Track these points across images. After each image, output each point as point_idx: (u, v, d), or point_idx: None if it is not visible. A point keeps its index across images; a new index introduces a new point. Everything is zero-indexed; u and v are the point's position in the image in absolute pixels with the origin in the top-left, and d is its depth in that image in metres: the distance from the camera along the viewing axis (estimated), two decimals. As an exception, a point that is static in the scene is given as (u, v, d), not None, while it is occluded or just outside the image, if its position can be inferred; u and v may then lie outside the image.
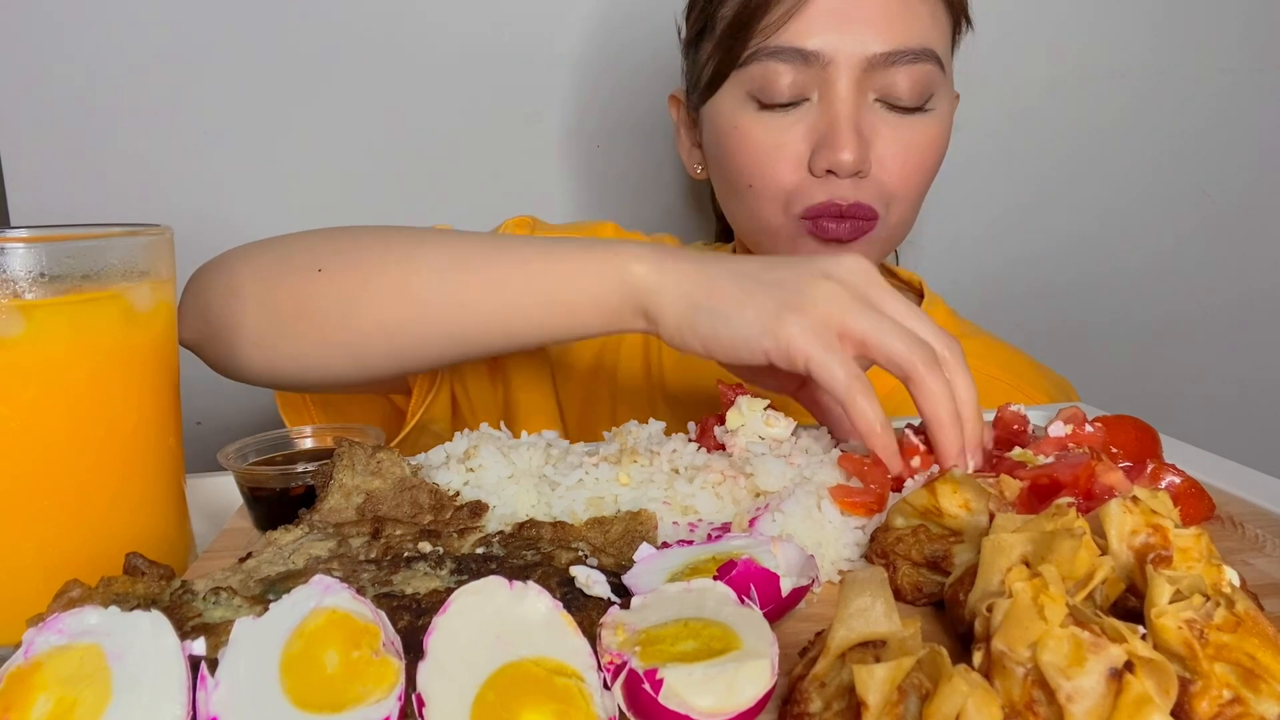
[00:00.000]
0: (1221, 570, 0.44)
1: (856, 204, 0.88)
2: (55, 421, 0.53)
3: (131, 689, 0.39)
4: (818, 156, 0.88)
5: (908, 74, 0.87)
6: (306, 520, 0.60)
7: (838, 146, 0.86)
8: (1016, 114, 1.39)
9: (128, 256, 0.56)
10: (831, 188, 0.89)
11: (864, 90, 0.88)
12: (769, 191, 0.92)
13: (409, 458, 0.66)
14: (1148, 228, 1.47)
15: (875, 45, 0.86)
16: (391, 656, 0.40)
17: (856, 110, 0.87)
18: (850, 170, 0.87)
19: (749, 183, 0.93)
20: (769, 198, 0.92)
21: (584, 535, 0.57)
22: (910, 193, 0.92)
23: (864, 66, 0.87)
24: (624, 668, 0.41)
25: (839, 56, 0.87)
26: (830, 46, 0.86)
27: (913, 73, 0.87)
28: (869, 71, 0.87)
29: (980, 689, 0.36)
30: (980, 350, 1.04)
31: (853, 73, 0.87)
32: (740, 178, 0.94)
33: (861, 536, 0.58)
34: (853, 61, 0.86)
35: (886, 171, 0.89)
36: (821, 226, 0.90)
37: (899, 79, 0.87)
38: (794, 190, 0.90)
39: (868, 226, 0.90)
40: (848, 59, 0.86)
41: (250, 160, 1.26)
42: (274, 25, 1.22)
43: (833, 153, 0.87)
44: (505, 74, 1.28)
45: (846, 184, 0.88)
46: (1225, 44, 1.40)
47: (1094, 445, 0.65)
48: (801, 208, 0.90)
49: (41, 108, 1.20)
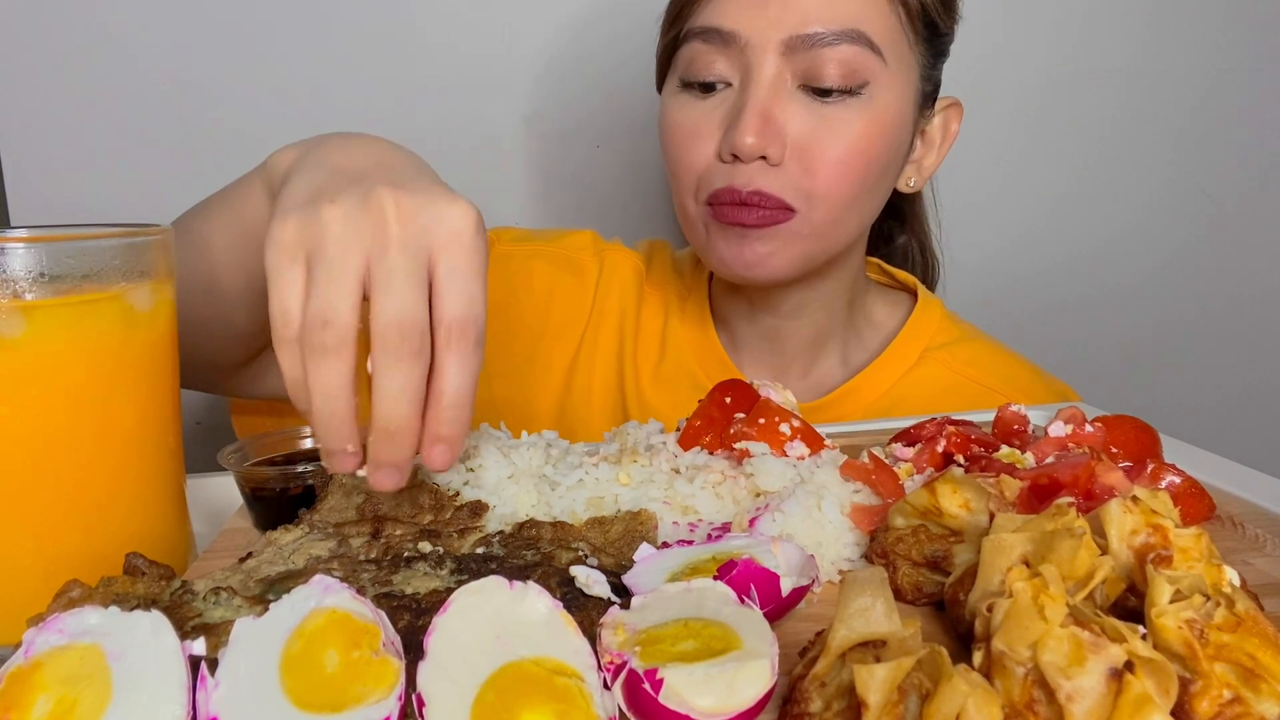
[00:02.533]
0: (1221, 570, 0.44)
1: (756, 191, 0.84)
2: (55, 422, 0.53)
3: (131, 689, 0.39)
4: (724, 140, 0.85)
5: (833, 57, 0.82)
6: (306, 520, 0.60)
7: (740, 129, 0.83)
8: (1013, 117, 1.39)
9: (128, 256, 0.56)
10: (734, 174, 0.85)
11: (784, 75, 0.84)
12: (684, 178, 0.90)
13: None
14: (1148, 229, 1.47)
15: (794, 26, 0.82)
16: (391, 656, 0.40)
17: (770, 95, 0.84)
18: (752, 155, 0.83)
19: (671, 169, 0.91)
20: (684, 184, 0.90)
21: (584, 535, 0.57)
22: (835, 189, 0.86)
23: (782, 49, 0.83)
24: (624, 668, 0.41)
25: (755, 37, 0.83)
26: (746, 26, 0.83)
27: (838, 55, 0.82)
28: (789, 55, 0.83)
29: (980, 689, 0.36)
30: (978, 357, 1.03)
31: (771, 55, 0.83)
32: (667, 164, 0.92)
33: (861, 536, 0.58)
34: (770, 43, 0.83)
35: (803, 163, 0.85)
36: (721, 212, 0.86)
37: (824, 63, 0.83)
38: (703, 175, 0.88)
39: (779, 217, 0.85)
40: (765, 40, 0.83)
41: (251, 160, 1.25)
42: (274, 26, 1.22)
43: (734, 134, 0.83)
44: (505, 74, 1.28)
45: (753, 169, 0.84)
46: (1226, 44, 1.40)
47: (1094, 445, 0.65)
48: (706, 193, 0.88)
49: (41, 108, 1.20)
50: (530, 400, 1.04)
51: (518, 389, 1.04)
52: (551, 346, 1.05)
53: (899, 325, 1.04)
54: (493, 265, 1.01)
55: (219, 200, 0.77)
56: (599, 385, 1.04)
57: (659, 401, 1.02)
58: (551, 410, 1.04)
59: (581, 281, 1.06)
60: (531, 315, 1.04)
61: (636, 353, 1.04)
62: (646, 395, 1.03)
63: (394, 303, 0.49)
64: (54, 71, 1.19)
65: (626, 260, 1.08)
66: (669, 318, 1.05)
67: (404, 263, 0.50)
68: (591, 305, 1.05)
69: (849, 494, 0.61)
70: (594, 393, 1.04)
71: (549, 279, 1.05)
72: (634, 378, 1.04)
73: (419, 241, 0.50)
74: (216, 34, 1.21)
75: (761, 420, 0.67)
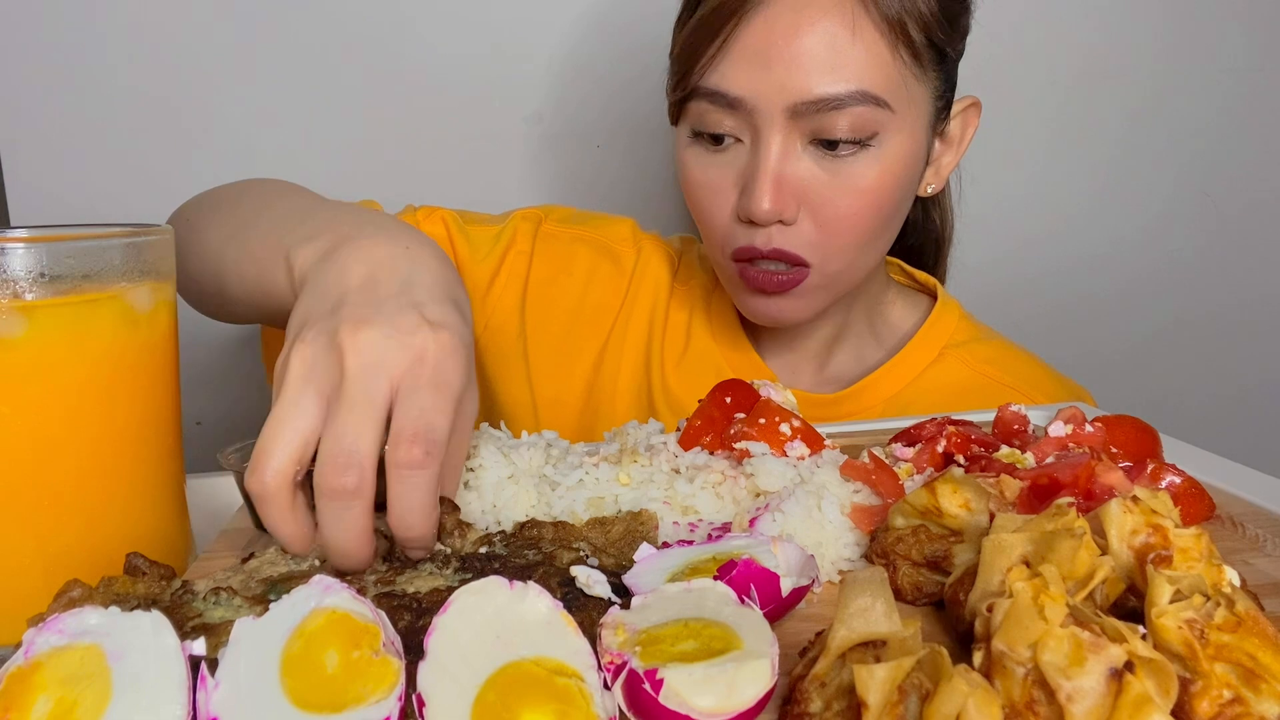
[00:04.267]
0: (1222, 570, 0.44)
1: (778, 250, 0.87)
2: (55, 422, 0.53)
3: (131, 689, 0.39)
4: (740, 204, 0.88)
5: (842, 119, 0.83)
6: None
7: (755, 196, 0.85)
8: (1017, 120, 1.39)
9: (128, 257, 0.56)
10: (754, 235, 0.88)
11: (793, 135, 0.85)
12: (709, 229, 0.93)
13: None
14: (1151, 231, 1.47)
15: (800, 93, 0.82)
16: (392, 656, 0.40)
17: (781, 159, 0.85)
18: (767, 220, 0.86)
19: (696, 219, 0.95)
20: (709, 237, 0.94)
21: (585, 535, 0.57)
22: (847, 241, 0.88)
23: (789, 114, 0.83)
24: (624, 668, 0.41)
25: (761, 103, 0.84)
26: (751, 93, 0.84)
27: (847, 118, 0.83)
28: (796, 119, 0.84)
29: (980, 689, 0.36)
30: (996, 356, 1.04)
31: (778, 119, 0.84)
32: (693, 213, 0.95)
33: (861, 536, 0.58)
34: (777, 108, 0.83)
35: (817, 219, 0.87)
36: (747, 274, 0.90)
37: (832, 123, 0.83)
38: (725, 233, 0.91)
39: (799, 275, 0.89)
40: (771, 106, 0.83)
41: (251, 161, 1.26)
42: (275, 26, 1.22)
43: (750, 201, 0.85)
44: (506, 74, 1.28)
45: (770, 232, 0.87)
46: (1234, 46, 1.40)
47: (1094, 445, 0.65)
48: (731, 249, 0.91)
49: (41, 108, 1.20)
50: (560, 379, 1.07)
51: (550, 368, 1.06)
52: (585, 330, 1.07)
53: (917, 324, 1.06)
54: (538, 244, 1.03)
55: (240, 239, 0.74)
56: (626, 372, 1.07)
57: (682, 391, 1.04)
58: (580, 392, 1.07)
59: (619, 269, 1.08)
60: (569, 298, 1.07)
61: (664, 343, 1.06)
62: (671, 384, 1.05)
63: (330, 440, 0.49)
64: (54, 71, 1.20)
65: (661, 252, 1.10)
66: (694, 311, 1.08)
67: (353, 397, 0.50)
68: (626, 293, 1.08)
69: (849, 494, 0.61)
70: (621, 379, 1.07)
71: (589, 264, 1.08)
72: (659, 367, 1.06)
73: (373, 377, 0.50)
74: (216, 34, 1.21)
75: (762, 420, 0.67)
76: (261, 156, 1.26)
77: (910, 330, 1.06)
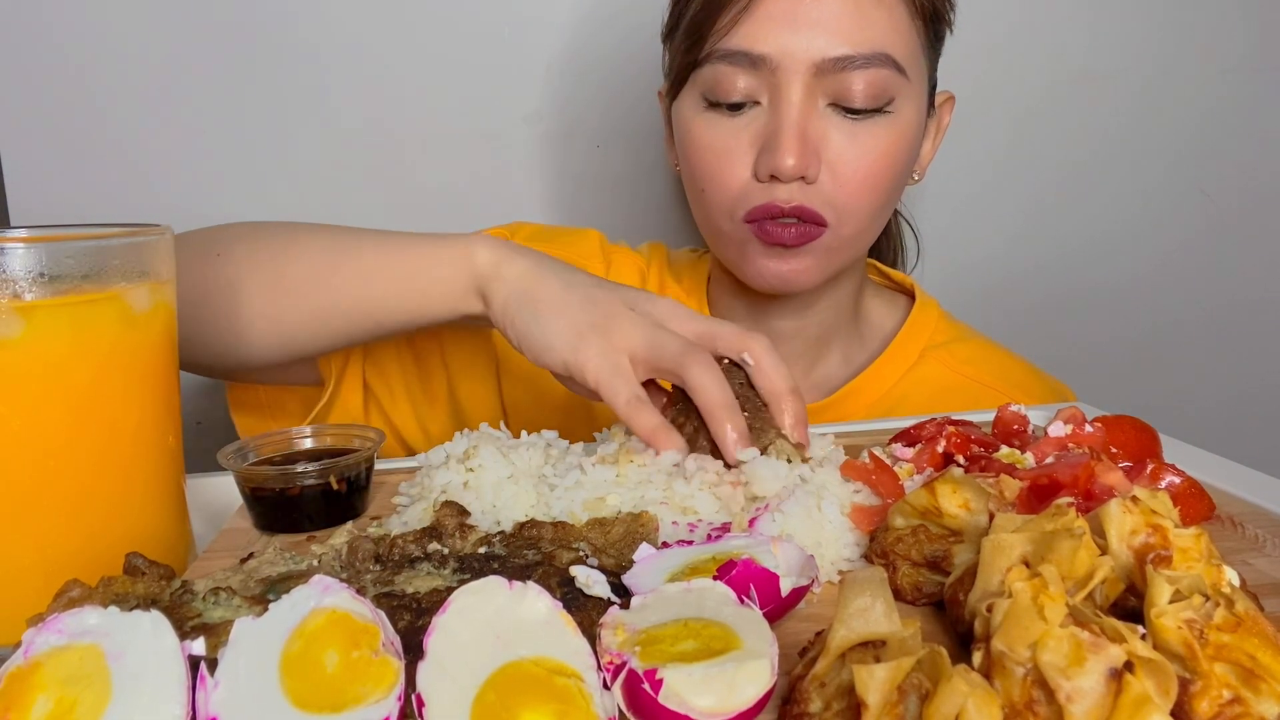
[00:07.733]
0: (1221, 570, 0.44)
1: (799, 206, 0.87)
2: (55, 422, 0.53)
3: (131, 689, 0.39)
4: (761, 161, 0.87)
5: (861, 79, 0.85)
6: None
7: (780, 151, 0.85)
8: (1014, 116, 1.39)
9: (127, 257, 0.56)
10: (774, 192, 0.87)
11: (814, 95, 0.86)
12: (718, 196, 0.91)
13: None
14: (1147, 229, 1.47)
15: (825, 50, 0.84)
16: (391, 656, 0.40)
17: (804, 115, 0.86)
18: (792, 175, 0.86)
19: (702, 187, 0.93)
20: (718, 203, 0.92)
21: (585, 536, 0.57)
22: (863, 203, 0.89)
23: (813, 71, 0.85)
24: (624, 668, 0.41)
25: (786, 60, 0.85)
26: (778, 51, 0.85)
27: (867, 78, 0.85)
28: (819, 76, 0.85)
29: (980, 689, 0.36)
30: (975, 356, 1.03)
31: (802, 77, 0.85)
32: (695, 182, 0.94)
33: (861, 536, 0.58)
34: (801, 66, 0.85)
35: (836, 179, 0.88)
36: (764, 230, 0.89)
37: (852, 84, 0.85)
38: (739, 195, 0.90)
39: (815, 232, 0.89)
40: (795, 63, 0.85)
41: (250, 161, 1.26)
42: (274, 26, 1.22)
43: (774, 157, 0.85)
44: (504, 74, 1.28)
45: (792, 188, 0.87)
46: (1225, 43, 1.40)
47: (1094, 445, 0.65)
48: (744, 211, 0.89)
49: (41, 108, 1.20)
50: (536, 398, 1.05)
51: (525, 387, 1.05)
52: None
53: (897, 325, 1.05)
54: None
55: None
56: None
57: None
58: (557, 408, 1.05)
59: None
60: None
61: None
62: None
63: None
64: (54, 72, 1.19)
65: (630, 263, 1.09)
66: None
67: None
68: None
69: (849, 494, 0.61)
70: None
71: None
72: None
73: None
74: (216, 34, 1.21)
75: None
76: (261, 156, 1.26)
77: (891, 330, 1.06)
